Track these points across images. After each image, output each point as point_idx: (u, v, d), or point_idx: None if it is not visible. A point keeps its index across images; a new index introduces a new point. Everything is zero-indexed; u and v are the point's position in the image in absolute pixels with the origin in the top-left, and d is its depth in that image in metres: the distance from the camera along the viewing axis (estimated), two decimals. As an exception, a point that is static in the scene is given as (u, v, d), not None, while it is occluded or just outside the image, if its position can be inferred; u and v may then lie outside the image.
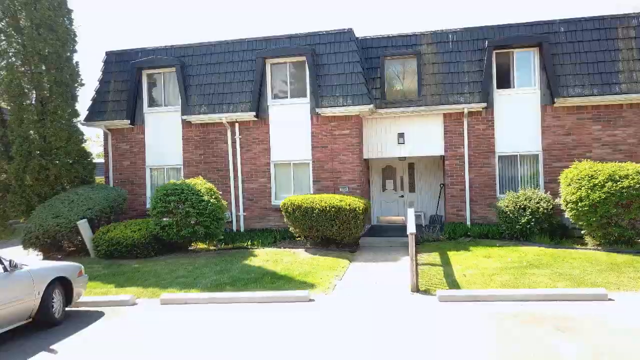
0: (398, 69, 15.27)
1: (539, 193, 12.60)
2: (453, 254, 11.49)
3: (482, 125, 14.54)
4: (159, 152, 15.77)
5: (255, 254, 12.12)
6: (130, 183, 15.92)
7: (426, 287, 8.94)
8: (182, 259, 12.04)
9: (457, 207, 14.74)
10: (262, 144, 15.08)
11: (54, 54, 14.02)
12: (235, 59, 15.28)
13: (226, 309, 8.28)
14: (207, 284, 9.78)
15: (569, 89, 13.80)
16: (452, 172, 14.73)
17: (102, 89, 16.04)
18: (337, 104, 14.14)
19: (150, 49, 16.01)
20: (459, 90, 14.44)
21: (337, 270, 10.52)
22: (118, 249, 12.23)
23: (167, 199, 12.13)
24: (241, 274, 10.32)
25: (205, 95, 15.16)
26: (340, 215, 11.99)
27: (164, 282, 10.09)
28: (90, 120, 15.85)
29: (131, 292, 9.49)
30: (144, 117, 15.87)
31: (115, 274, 10.96)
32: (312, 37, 14.92)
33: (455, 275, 9.66)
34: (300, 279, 9.79)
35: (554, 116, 14.16)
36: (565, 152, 14.09)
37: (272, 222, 14.91)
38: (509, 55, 14.57)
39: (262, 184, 15.10)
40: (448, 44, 14.89)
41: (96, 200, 13.45)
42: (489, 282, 9.05)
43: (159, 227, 12.21)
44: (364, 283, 9.55)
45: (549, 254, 10.94)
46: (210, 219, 12.29)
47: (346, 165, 14.50)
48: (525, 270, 9.69)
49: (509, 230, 12.56)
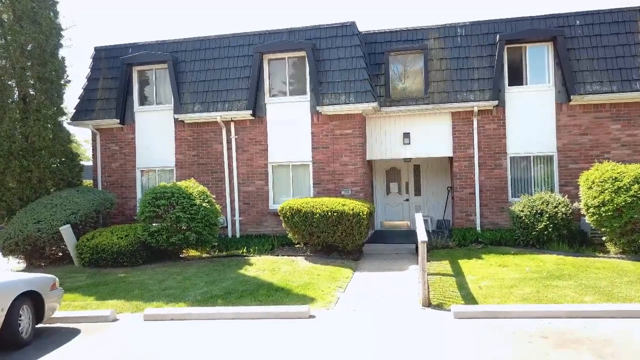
0: (403, 65, 14.42)
1: (557, 197, 11.74)
2: (465, 263, 10.64)
3: (492, 125, 13.68)
4: (151, 153, 14.89)
5: (251, 263, 11.24)
6: (119, 186, 15.04)
7: (439, 300, 8.08)
8: (172, 268, 11.16)
9: (466, 211, 13.87)
10: (259, 144, 14.21)
11: (37, 48, 13.14)
12: (231, 55, 14.42)
13: (216, 326, 7.41)
14: (196, 296, 8.92)
15: (586, 85, 12.95)
16: (461, 175, 13.87)
17: (90, 87, 15.17)
18: (338, 101, 13.27)
19: (141, 44, 15.16)
20: (468, 88, 13.59)
21: (339, 281, 9.66)
22: (103, 256, 11.35)
23: (156, 202, 11.27)
24: (235, 285, 9.45)
25: (199, 93, 14.30)
26: (343, 221, 11.13)
27: (150, 294, 9.22)
28: (77, 120, 14.97)
29: (113, 305, 8.63)
30: (134, 116, 14.99)
31: (99, 285, 10.10)
32: (313, 31, 14.07)
33: (470, 286, 8.80)
34: (299, 292, 8.91)
35: (569, 115, 13.30)
36: (581, 153, 13.22)
37: (270, 227, 14.02)
38: (522, 51, 13.72)
39: (259, 186, 14.22)
40: (457, 39, 14.04)
41: (81, 204, 12.57)
42: (509, 295, 8.19)
43: (147, 233, 11.34)
44: (370, 296, 8.68)
45: (569, 262, 10.10)
46: (203, 225, 11.42)
47: (348, 167, 13.63)
48: (547, 281, 8.85)
49: (524, 236, 11.69)
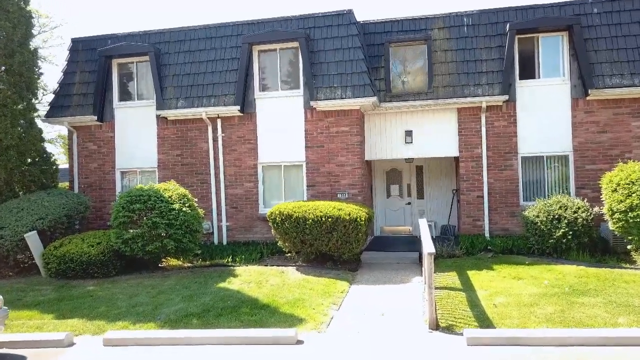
0: (405, 57, 13.29)
1: (576, 201, 10.60)
2: (474, 274, 9.51)
3: (502, 122, 12.54)
4: (131, 152, 13.72)
5: (236, 274, 10.09)
6: (98, 188, 13.87)
7: (448, 322, 6.95)
8: (148, 280, 10.00)
9: (474, 216, 12.72)
10: (248, 143, 13.06)
11: (3, 37, 12.00)
12: (218, 46, 13.28)
13: (187, 354, 6.26)
14: (170, 314, 7.79)
15: (605, 79, 11.82)
16: (468, 176, 12.73)
17: (66, 81, 14.00)
18: (335, 96, 12.14)
19: (121, 35, 14.01)
20: (476, 81, 12.47)
21: (333, 296, 8.51)
22: (71, 267, 10.18)
23: (130, 207, 10.12)
24: (215, 301, 8.30)
25: (183, 88, 13.15)
26: (339, 227, 9.98)
27: (117, 311, 8.08)
28: (52, 117, 13.80)
29: (72, 326, 7.50)
30: (113, 112, 13.83)
31: (63, 300, 8.96)
32: (307, 20, 12.93)
33: (483, 304, 7.67)
34: (287, 310, 7.76)
35: (586, 111, 12.17)
36: (600, 152, 12.09)
37: (260, 233, 12.85)
38: (534, 41, 12.59)
39: (248, 189, 13.07)
40: (463, 29, 12.92)
41: (50, 209, 11.41)
42: (529, 315, 7.06)
43: (121, 240, 10.17)
44: (368, 314, 7.54)
45: (593, 275, 8.97)
46: (183, 231, 10.27)
47: (345, 168, 12.49)
48: (571, 298, 7.73)
49: (540, 244, 10.55)
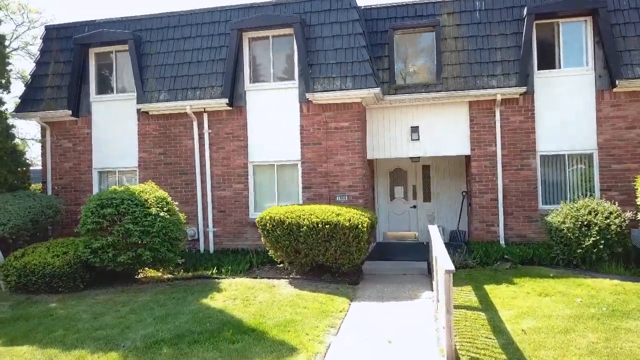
0: (411, 45, 12.07)
1: (607, 205, 9.37)
2: (493, 289, 8.29)
3: (519, 117, 11.33)
4: (110, 151, 12.47)
5: (221, 288, 8.85)
6: (73, 190, 12.62)
7: (469, 354, 5.72)
8: (119, 296, 8.76)
9: (487, 221, 11.51)
10: (237, 140, 11.82)
11: (-38, 20, 10.82)
12: (205, 33, 12.04)
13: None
14: (136, 340, 6.55)
15: (635, 68, 10.60)
16: (481, 177, 11.51)
17: (38, 72, 12.77)
18: (333, 87, 10.91)
19: (100, 22, 12.77)
20: (490, 72, 11.25)
21: (331, 316, 7.27)
22: (33, 280, 8.93)
23: (100, 211, 8.87)
24: (191, 324, 7.07)
25: (166, 79, 11.92)
26: (337, 235, 8.74)
27: (76, 336, 6.85)
28: (23, 111, 12.54)
29: (18, 356, 6.26)
30: (90, 107, 12.60)
31: (18, 319, 7.73)
32: (302, 4, 11.69)
33: (509, 328, 6.45)
34: (275, 335, 6.52)
35: (613, 104, 10.96)
36: (628, 150, 10.88)
37: (250, 240, 11.61)
38: (554, 27, 11.37)
39: (237, 191, 11.83)
40: (475, 14, 11.70)
41: (13, 213, 10.19)
42: (567, 345, 5.84)
43: (89, 250, 8.93)
44: (372, 341, 6.30)
45: (632, 291, 7.77)
46: (160, 239, 9.02)
47: (345, 167, 11.26)
48: (613, 321, 6.50)
49: (566, 254, 9.32)
